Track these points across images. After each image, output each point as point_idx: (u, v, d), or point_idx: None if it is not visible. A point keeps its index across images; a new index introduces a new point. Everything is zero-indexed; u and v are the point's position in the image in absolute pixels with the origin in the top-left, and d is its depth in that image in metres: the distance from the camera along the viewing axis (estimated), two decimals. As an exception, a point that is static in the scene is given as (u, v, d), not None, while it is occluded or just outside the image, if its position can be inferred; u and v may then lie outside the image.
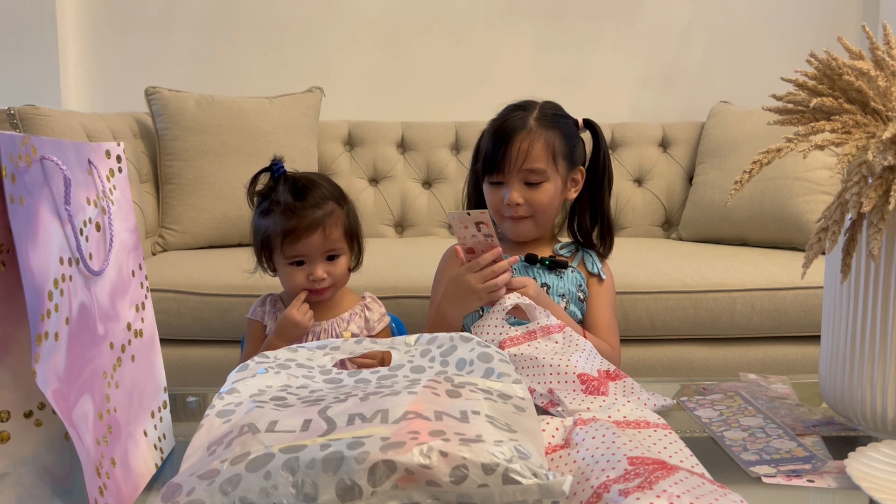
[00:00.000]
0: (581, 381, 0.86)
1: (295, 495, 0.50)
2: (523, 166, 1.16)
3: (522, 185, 1.17)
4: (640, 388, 0.89)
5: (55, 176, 0.58)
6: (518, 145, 1.15)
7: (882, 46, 0.80)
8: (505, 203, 1.18)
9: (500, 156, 1.16)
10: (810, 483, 0.71)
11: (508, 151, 1.15)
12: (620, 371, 0.92)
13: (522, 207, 1.18)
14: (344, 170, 2.36)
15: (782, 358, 1.76)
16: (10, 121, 1.74)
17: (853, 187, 0.74)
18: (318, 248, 1.08)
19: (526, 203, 1.18)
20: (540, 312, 0.98)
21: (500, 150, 1.16)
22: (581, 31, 2.60)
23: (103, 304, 0.65)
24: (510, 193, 1.17)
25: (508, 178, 1.17)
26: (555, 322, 0.97)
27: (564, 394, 0.85)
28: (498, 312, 0.99)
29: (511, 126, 1.17)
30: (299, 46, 2.55)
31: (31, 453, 0.58)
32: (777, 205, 2.02)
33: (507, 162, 1.16)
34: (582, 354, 0.91)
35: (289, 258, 1.09)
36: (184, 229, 2.10)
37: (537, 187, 1.17)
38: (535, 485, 0.51)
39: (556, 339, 0.94)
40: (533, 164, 1.16)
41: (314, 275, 1.08)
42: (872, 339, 0.79)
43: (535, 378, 0.88)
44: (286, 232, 1.06)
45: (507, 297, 1.01)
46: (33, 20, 2.37)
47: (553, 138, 1.18)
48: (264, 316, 1.17)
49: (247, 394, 0.67)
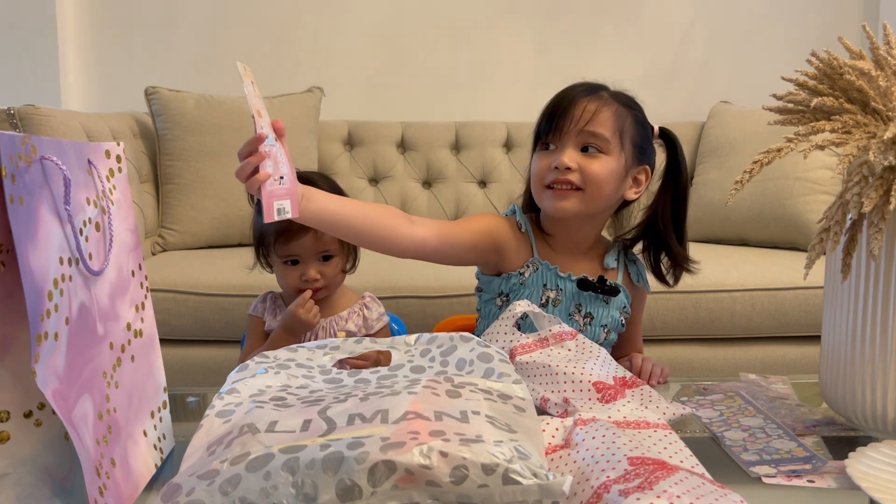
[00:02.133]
0: (597, 390, 0.84)
1: (295, 495, 0.50)
2: (585, 127, 1.00)
3: (577, 151, 1.01)
4: (657, 397, 0.86)
5: (55, 176, 0.58)
6: (584, 105, 1.01)
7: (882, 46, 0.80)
8: (553, 167, 1.01)
9: (560, 113, 1.01)
10: (810, 483, 0.71)
11: (571, 110, 1.01)
12: (637, 378, 0.89)
13: (574, 174, 1.00)
14: (344, 170, 2.36)
15: (782, 358, 1.76)
16: (9, 121, 1.74)
17: (854, 187, 0.74)
18: (311, 249, 1.09)
19: (578, 170, 1.00)
20: (550, 320, 0.94)
21: (561, 108, 1.02)
22: (581, 30, 2.60)
23: (103, 305, 0.65)
24: (563, 157, 1.00)
25: (564, 140, 1.02)
26: (567, 329, 0.93)
27: (580, 403, 0.83)
28: (507, 319, 0.94)
29: (576, 91, 1.03)
30: (299, 46, 2.55)
31: (31, 453, 0.58)
32: (777, 205, 2.02)
33: (566, 120, 1.00)
34: (597, 362, 0.88)
35: (282, 257, 1.10)
36: (183, 229, 2.10)
37: (595, 156, 1.01)
38: (536, 485, 0.51)
39: (568, 346, 0.91)
40: (596, 128, 1.00)
41: (307, 275, 1.09)
42: (873, 339, 0.79)
43: (550, 386, 0.86)
44: (278, 232, 1.08)
45: (516, 305, 0.94)
46: (33, 20, 2.37)
47: (626, 115, 1.03)
48: (264, 312, 1.17)
49: (247, 394, 0.67)
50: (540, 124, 1.05)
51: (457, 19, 2.58)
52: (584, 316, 1.08)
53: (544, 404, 0.85)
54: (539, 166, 1.04)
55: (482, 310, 1.15)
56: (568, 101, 1.03)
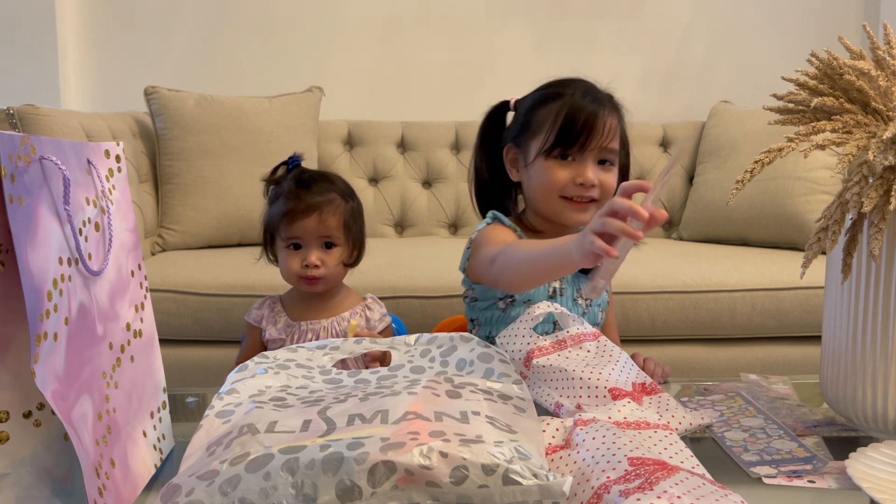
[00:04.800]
0: (612, 396, 0.82)
1: (294, 496, 0.50)
2: (606, 144, 1.05)
3: (596, 165, 1.05)
4: (675, 405, 0.84)
5: (54, 176, 0.58)
6: (606, 120, 1.04)
7: (883, 46, 0.80)
8: (578, 183, 1.04)
9: (585, 130, 1.03)
10: (811, 484, 0.70)
11: (595, 126, 1.03)
12: (657, 385, 0.87)
13: (595, 189, 1.05)
14: (344, 170, 2.36)
15: (783, 358, 1.76)
16: (9, 120, 1.74)
17: (854, 187, 0.74)
18: (313, 232, 1.10)
19: (599, 185, 1.05)
20: (574, 320, 0.93)
21: (585, 125, 1.03)
22: (581, 30, 2.60)
23: (102, 305, 0.65)
24: (587, 172, 1.04)
25: (583, 154, 1.05)
26: (589, 330, 0.92)
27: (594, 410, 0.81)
28: (526, 322, 0.92)
29: (595, 100, 1.06)
30: (299, 46, 2.55)
31: (31, 454, 0.58)
32: (778, 205, 2.02)
33: (592, 137, 1.03)
34: (615, 367, 0.87)
35: (285, 240, 1.12)
36: (183, 229, 2.10)
37: (610, 169, 1.07)
38: (536, 485, 0.51)
39: (588, 347, 0.90)
40: (614, 143, 1.06)
41: (308, 259, 1.10)
42: (873, 339, 0.79)
43: (564, 392, 0.84)
44: (284, 213, 1.10)
45: (537, 306, 0.92)
46: (33, 20, 2.37)
47: (622, 122, 1.09)
48: (261, 320, 1.17)
49: (246, 394, 0.67)
50: (560, 129, 1.05)
51: (457, 19, 2.58)
52: (585, 299, 1.11)
53: (558, 410, 0.84)
54: (558, 177, 1.05)
55: (479, 318, 1.14)
56: (591, 115, 1.04)
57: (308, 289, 1.13)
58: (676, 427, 0.79)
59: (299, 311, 1.15)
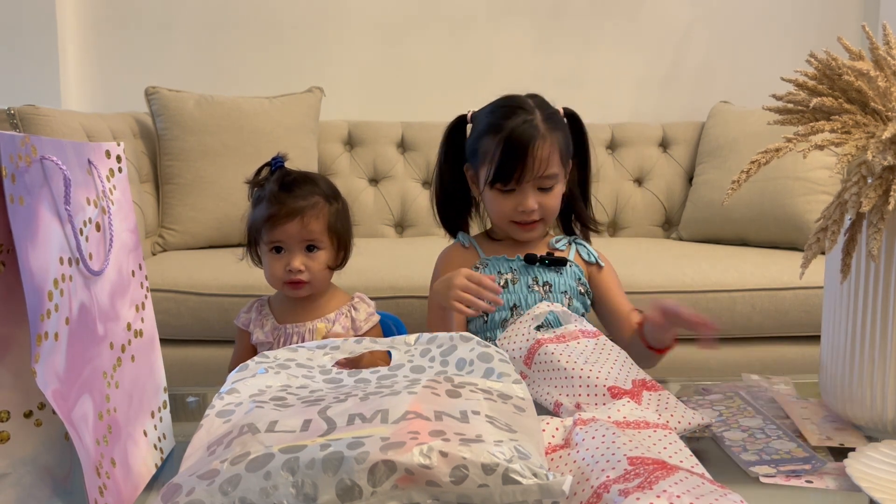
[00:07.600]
0: (612, 395, 0.83)
1: (295, 495, 0.50)
2: (542, 173, 1.14)
3: (536, 191, 1.15)
4: (675, 403, 0.83)
5: (55, 176, 0.58)
6: (537, 154, 1.12)
7: (882, 46, 0.80)
8: (519, 210, 1.16)
9: (518, 166, 1.12)
10: (809, 483, 0.71)
11: (527, 162, 1.12)
12: (657, 382, 0.87)
13: (536, 213, 1.16)
14: (344, 170, 2.36)
15: (782, 358, 1.76)
16: (9, 121, 1.74)
17: (853, 187, 0.74)
18: (296, 237, 1.09)
19: (539, 208, 1.16)
20: (575, 319, 0.96)
21: (518, 161, 1.12)
22: (581, 30, 2.60)
23: (103, 305, 0.65)
24: (526, 201, 1.15)
25: (522, 185, 1.15)
26: (590, 328, 0.95)
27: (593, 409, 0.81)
28: (528, 322, 0.95)
29: (527, 135, 1.13)
30: (299, 46, 2.55)
31: (31, 453, 0.58)
32: (777, 205, 2.02)
33: (525, 172, 1.13)
34: (615, 365, 0.87)
35: (268, 244, 1.11)
36: (183, 229, 2.10)
37: (550, 191, 1.16)
38: (535, 485, 0.51)
39: (586, 344, 0.91)
40: (549, 171, 1.14)
41: (291, 265, 1.09)
42: (872, 339, 0.79)
43: (564, 390, 0.85)
44: (267, 217, 1.09)
45: (537, 306, 0.98)
46: (33, 20, 2.37)
47: (560, 140, 1.16)
48: (249, 323, 1.16)
49: (247, 394, 0.67)
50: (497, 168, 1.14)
51: (457, 19, 2.58)
52: (542, 285, 1.18)
53: (557, 409, 0.84)
54: (503, 207, 1.17)
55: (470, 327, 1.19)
56: (524, 151, 1.12)
57: (292, 293, 1.12)
58: (676, 426, 0.79)
59: (286, 313, 1.15)
